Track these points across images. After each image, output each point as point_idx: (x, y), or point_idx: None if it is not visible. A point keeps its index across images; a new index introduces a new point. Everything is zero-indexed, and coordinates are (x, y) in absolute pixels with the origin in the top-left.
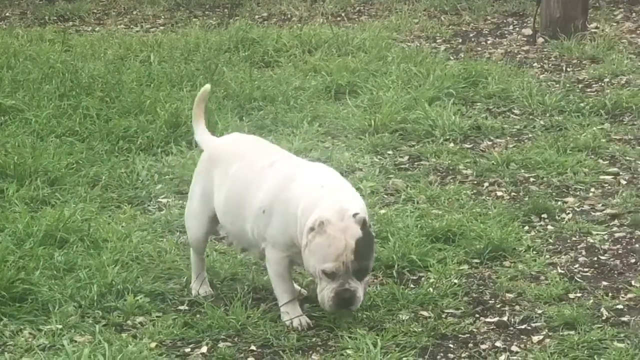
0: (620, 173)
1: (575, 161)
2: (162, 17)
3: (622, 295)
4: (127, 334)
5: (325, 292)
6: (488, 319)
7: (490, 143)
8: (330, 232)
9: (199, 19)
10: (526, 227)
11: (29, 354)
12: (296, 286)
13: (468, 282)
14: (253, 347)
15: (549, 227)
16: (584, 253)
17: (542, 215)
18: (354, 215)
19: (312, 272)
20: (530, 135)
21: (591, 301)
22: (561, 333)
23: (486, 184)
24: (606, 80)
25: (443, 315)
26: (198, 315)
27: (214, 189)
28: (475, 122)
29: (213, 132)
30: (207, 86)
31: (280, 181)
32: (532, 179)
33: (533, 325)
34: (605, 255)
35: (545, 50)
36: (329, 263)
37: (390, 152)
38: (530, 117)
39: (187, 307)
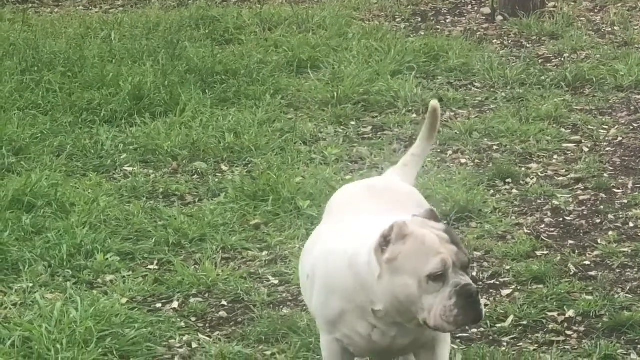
0: (583, 141)
1: (538, 130)
2: None
3: (589, 252)
4: (98, 290)
5: (442, 303)
6: None
7: (452, 114)
8: (413, 230)
9: (157, 0)
10: (491, 191)
11: (0, 309)
12: None
13: None
14: (224, 302)
15: (514, 190)
16: (549, 214)
17: (507, 180)
18: (415, 215)
19: (411, 297)
20: (492, 107)
21: (558, 258)
22: (530, 287)
23: (450, 152)
24: (566, 55)
25: None
26: (168, 273)
27: None
28: (437, 94)
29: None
30: (435, 102)
31: (331, 237)
32: (495, 147)
33: (502, 280)
34: (571, 216)
35: (504, 27)
36: (433, 259)
37: (353, 122)
38: (492, 89)
39: (156, 267)
